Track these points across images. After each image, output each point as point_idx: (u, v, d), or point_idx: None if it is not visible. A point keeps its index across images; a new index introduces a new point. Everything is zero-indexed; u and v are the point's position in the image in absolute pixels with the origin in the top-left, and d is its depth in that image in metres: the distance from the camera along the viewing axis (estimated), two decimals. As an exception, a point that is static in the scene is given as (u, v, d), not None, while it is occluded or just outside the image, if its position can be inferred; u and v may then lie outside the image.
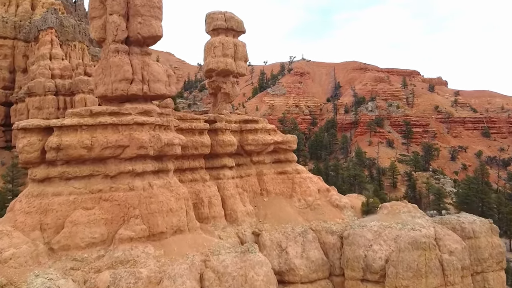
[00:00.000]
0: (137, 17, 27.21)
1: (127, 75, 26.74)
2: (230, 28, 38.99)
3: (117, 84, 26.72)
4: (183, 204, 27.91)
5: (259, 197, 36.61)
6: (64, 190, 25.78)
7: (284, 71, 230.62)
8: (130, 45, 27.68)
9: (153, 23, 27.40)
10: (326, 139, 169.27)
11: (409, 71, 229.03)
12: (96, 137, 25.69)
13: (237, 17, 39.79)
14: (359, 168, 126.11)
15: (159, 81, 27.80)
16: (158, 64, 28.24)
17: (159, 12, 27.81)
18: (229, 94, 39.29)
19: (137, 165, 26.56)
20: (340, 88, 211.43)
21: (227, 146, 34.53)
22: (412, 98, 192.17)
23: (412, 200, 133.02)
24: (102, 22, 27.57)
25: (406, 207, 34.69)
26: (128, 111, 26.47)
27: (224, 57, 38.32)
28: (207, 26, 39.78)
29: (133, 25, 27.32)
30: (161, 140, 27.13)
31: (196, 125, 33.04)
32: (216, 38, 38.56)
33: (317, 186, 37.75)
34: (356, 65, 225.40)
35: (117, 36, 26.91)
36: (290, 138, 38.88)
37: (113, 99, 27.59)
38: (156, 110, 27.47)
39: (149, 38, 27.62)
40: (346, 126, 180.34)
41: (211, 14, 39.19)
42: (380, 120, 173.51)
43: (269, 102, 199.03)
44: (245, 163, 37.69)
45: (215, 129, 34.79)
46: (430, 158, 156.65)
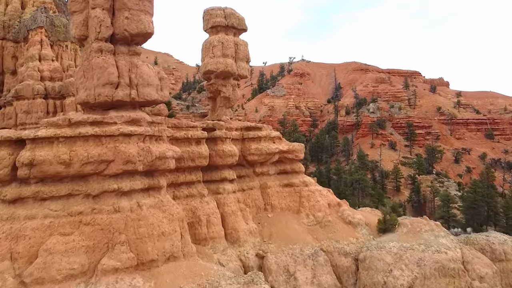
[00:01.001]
0: (124, 12, 23.53)
1: (111, 78, 23.05)
2: (230, 26, 35.36)
3: (100, 89, 23.02)
4: (177, 226, 24.20)
5: (263, 212, 32.96)
6: (38, 212, 22.08)
7: (283, 72, 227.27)
8: (116, 43, 23.99)
9: (142, 19, 23.74)
10: (327, 142, 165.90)
11: (410, 71, 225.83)
12: (76, 150, 22.01)
13: (238, 14, 36.16)
14: (362, 172, 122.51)
15: (149, 85, 24.11)
16: (149, 66, 24.55)
17: (149, 5, 24.17)
18: (229, 98, 35.63)
19: (124, 182, 22.86)
20: (340, 89, 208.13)
21: (227, 157, 30.86)
22: (414, 99, 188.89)
23: (416, 204, 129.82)
24: (83, 17, 23.87)
25: (428, 225, 31.03)
26: (113, 120, 22.78)
27: (224, 57, 34.69)
28: (205, 24, 36.14)
29: (119, 20, 23.62)
30: (151, 153, 23.47)
31: (193, 133, 29.36)
32: (215, 37, 34.92)
33: (327, 200, 34.08)
34: (357, 66, 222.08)
35: (100, 33, 23.21)
36: (296, 146, 35.19)
37: (96, 106, 23.87)
38: (146, 118, 23.77)
39: (137, 35, 23.92)
40: (348, 128, 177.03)
41: (210, 10, 35.55)
42: (382, 122, 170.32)
43: (268, 104, 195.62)
44: (247, 174, 34.02)
45: (214, 138, 31.13)
46: (434, 161, 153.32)
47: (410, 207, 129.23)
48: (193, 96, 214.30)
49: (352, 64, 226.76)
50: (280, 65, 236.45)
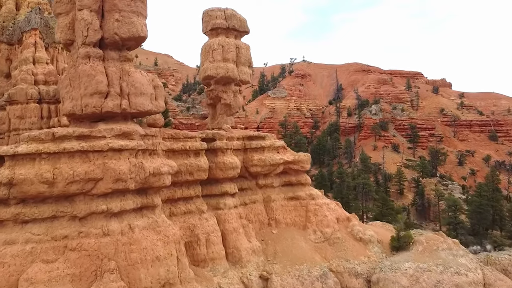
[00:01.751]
0: (114, 13, 21.28)
1: (100, 87, 20.79)
2: (231, 28, 33.14)
3: (87, 99, 20.77)
4: (173, 249, 21.95)
5: (267, 228, 30.68)
6: (19, 237, 19.83)
7: (284, 73, 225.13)
8: (106, 48, 21.73)
9: (134, 21, 21.50)
10: (329, 144, 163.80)
11: (413, 72, 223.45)
12: (60, 168, 19.76)
13: (240, 15, 33.94)
14: (365, 176, 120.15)
15: (142, 94, 21.86)
16: (142, 73, 22.29)
17: (142, 7, 21.94)
18: (230, 105, 33.40)
19: (114, 202, 20.61)
20: (342, 90, 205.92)
21: (228, 169, 28.58)
22: (417, 100, 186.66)
23: (421, 207, 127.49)
24: (69, 19, 21.62)
25: (446, 243, 28.74)
26: (102, 133, 20.54)
27: (225, 62, 32.47)
28: (204, 26, 33.91)
29: (109, 23, 21.38)
30: (144, 170, 21.22)
31: (191, 145, 27.10)
32: (215, 40, 32.70)
33: (335, 215, 31.81)
34: (358, 67, 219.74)
35: (88, 37, 20.96)
36: (302, 157, 32.91)
37: (83, 118, 21.61)
38: (138, 131, 21.52)
39: (129, 39, 21.67)
40: (350, 129, 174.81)
41: (209, 11, 33.31)
42: (385, 124, 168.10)
43: (269, 105, 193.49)
44: (249, 187, 31.75)
45: (214, 149, 28.85)
46: (438, 163, 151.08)
47: (414, 211, 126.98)
48: (193, 98, 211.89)
49: (353, 65, 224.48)
50: (281, 66, 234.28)
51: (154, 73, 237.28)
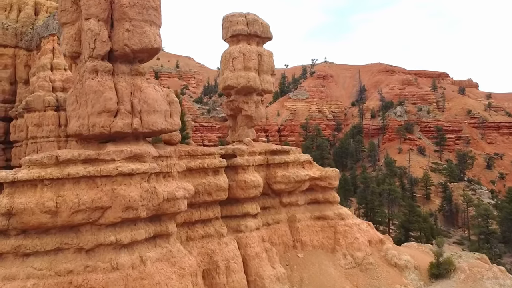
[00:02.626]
0: (124, 23, 19.25)
1: (109, 104, 18.78)
2: (253, 34, 30.94)
3: (95, 117, 18.78)
4: (189, 282, 19.80)
5: (292, 251, 28.35)
6: (19, 271, 17.91)
7: (306, 74, 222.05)
8: (115, 61, 19.73)
9: (146, 31, 19.43)
10: (352, 146, 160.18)
11: (438, 73, 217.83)
12: (64, 196, 17.80)
13: (262, 20, 31.71)
14: (391, 181, 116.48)
15: (155, 112, 19.77)
16: (155, 87, 20.21)
17: (155, 15, 19.86)
18: (252, 117, 31.18)
19: (123, 233, 18.56)
20: (365, 91, 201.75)
21: (250, 188, 26.35)
22: (443, 101, 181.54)
23: (448, 213, 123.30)
24: (75, 30, 19.68)
25: (491, 271, 26.04)
26: (111, 156, 18.52)
27: (246, 70, 30.29)
28: (224, 32, 31.79)
29: (118, 33, 19.35)
30: (157, 195, 19.14)
31: (210, 162, 24.94)
32: (236, 47, 30.55)
33: (367, 236, 29.28)
34: (382, 67, 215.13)
35: (95, 50, 18.97)
36: (330, 172, 30.45)
37: (90, 139, 19.65)
38: (151, 152, 19.44)
39: (141, 51, 19.61)
40: (373, 132, 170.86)
41: (229, 17, 31.16)
42: (410, 126, 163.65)
43: (290, 107, 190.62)
44: (273, 205, 29.48)
45: (235, 166, 26.66)
46: (465, 167, 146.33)
47: (442, 217, 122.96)
48: (214, 100, 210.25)
49: (376, 66, 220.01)
50: (302, 67, 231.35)
51: (175, 75, 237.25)
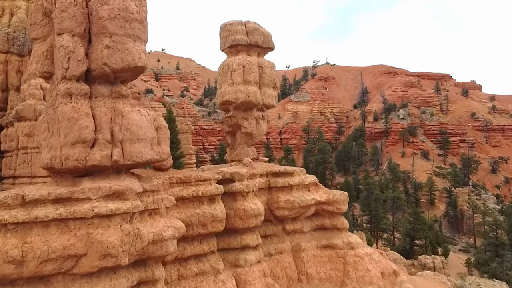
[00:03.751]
0: (104, 38, 16.55)
1: (84, 134, 16.06)
2: (253, 44, 28.22)
3: (68, 149, 16.09)
4: (180, 336, 17.15)
5: (296, 284, 25.63)
6: (-21, 331, 15.32)
7: (307, 76, 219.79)
8: (93, 83, 17.02)
9: (130, 47, 16.73)
10: (355, 150, 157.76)
11: (441, 74, 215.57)
12: (31, 242, 15.12)
13: (263, 29, 28.99)
14: (396, 189, 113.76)
15: (140, 140, 17.06)
16: (140, 111, 17.50)
17: (140, 28, 17.16)
18: (252, 135, 28.47)
19: (101, 283, 15.85)
20: (367, 93, 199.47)
21: (250, 218, 23.64)
22: (447, 104, 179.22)
23: (453, 219, 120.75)
24: (47, 46, 16.96)
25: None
26: (86, 195, 15.84)
27: (246, 84, 27.57)
28: (222, 42, 29.08)
29: (97, 51, 16.66)
30: (142, 238, 16.45)
31: (205, 190, 22.26)
32: (235, 59, 27.83)
33: (379, 268, 26.55)
34: (384, 69, 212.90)
35: (69, 70, 16.27)
36: (338, 196, 27.70)
37: (64, 173, 17.00)
38: (134, 188, 16.72)
39: (123, 71, 16.89)
40: (376, 135, 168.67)
41: (228, 25, 28.43)
42: (413, 129, 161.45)
43: (292, 110, 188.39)
44: (275, 233, 26.76)
45: (233, 193, 23.94)
46: (470, 171, 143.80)
47: (446, 223, 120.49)
48: (214, 102, 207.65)
49: (378, 67, 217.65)
50: (304, 69, 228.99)
51: (176, 77, 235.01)
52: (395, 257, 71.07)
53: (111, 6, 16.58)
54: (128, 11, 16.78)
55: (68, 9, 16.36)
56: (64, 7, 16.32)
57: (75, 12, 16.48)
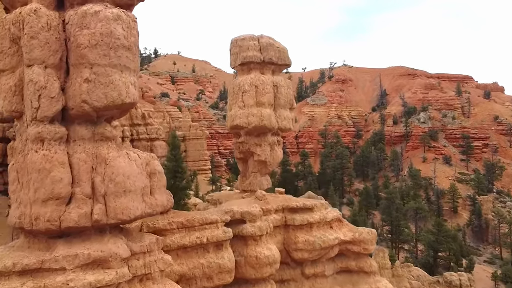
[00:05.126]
0: (83, 70, 13.53)
1: (58, 189, 13.06)
2: (267, 61, 25.06)
3: (39, 207, 13.11)
4: None
5: (317, 338, 22.45)
6: None
7: (324, 78, 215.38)
8: (72, 123, 13.98)
9: (115, 80, 13.69)
10: (374, 155, 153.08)
11: (462, 76, 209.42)
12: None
13: (278, 44, 25.78)
14: (417, 196, 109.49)
15: (127, 193, 13.98)
16: (129, 155, 14.40)
17: (128, 56, 14.08)
18: (266, 163, 25.30)
19: None
20: (386, 96, 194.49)
21: (263, 266, 20.45)
22: (469, 107, 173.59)
23: (477, 228, 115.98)
24: (15, 80, 13.92)
25: None
26: (60, 264, 12.82)
27: (259, 106, 24.43)
28: (232, 59, 25.97)
29: (74, 85, 13.64)
30: (130, 314, 13.45)
31: (211, 235, 19.15)
32: (246, 78, 24.70)
33: (411, 320, 23.19)
34: (403, 71, 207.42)
35: (40, 110, 13.27)
36: (365, 235, 24.29)
37: (35, 234, 14.03)
38: (119, 253, 13.64)
39: (107, 108, 13.88)
40: (396, 139, 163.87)
41: (239, 40, 25.27)
42: (434, 133, 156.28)
43: (308, 113, 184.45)
44: (293, 277, 23.50)
45: (244, 236, 20.81)
46: (494, 178, 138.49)
47: (470, 232, 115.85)
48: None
49: (397, 69, 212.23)
50: (320, 71, 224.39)
51: (192, 80, 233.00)
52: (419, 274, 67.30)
53: (92, 31, 13.53)
54: (113, 36, 13.70)
55: (39, 35, 13.34)
56: (34, 32, 13.30)
57: (48, 39, 13.45)
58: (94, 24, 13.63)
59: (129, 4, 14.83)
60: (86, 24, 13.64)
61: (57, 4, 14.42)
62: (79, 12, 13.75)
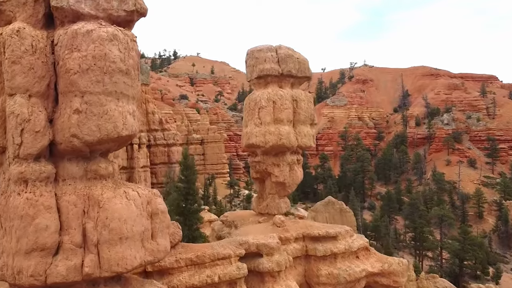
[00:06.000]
0: (73, 98, 11.62)
1: (43, 238, 11.20)
2: (286, 74, 23.03)
3: (22, 259, 11.23)
4: None
5: None
6: None
7: (344, 78, 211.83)
8: (61, 159, 12.14)
9: (110, 110, 11.73)
10: (396, 158, 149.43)
11: (486, 76, 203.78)
12: None
13: (298, 54, 23.70)
14: (442, 201, 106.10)
15: (124, 240, 12.05)
16: (128, 194, 12.49)
17: (126, 81, 12.16)
18: (284, 184, 23.24)
19: None
20: (408, 96, 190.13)
21: (282, 305, 18.48)
22: (494, 108, 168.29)
23: (504, 234, 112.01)
24: (-4, 111, 12.28)
25: None
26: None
27: (277, 123, 22.41)
28: (248, 71, 23.98)
29: (63, 116, 11.81)
30: None
31: (223, 273, 17.20)
32: (263, 93, 22.69)
33: None
34: (426, 71, 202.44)
35: (22, 146, 11.43)
36: (395, 266, 22.01)
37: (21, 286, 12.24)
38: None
39: (101, 142, 12.00)
40: (418, 141, 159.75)
41: (255, 52, 23.25)
42: (458, 135, 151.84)
43: (328, 115, 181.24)
44: (314, 313, 21.47)
45: (260, 273, 18.81)
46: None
47: (496, 238, 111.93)
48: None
49: (419, 69, 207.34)
50: (340, 71, 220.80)
51: (210, 81, 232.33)
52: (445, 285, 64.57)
53: (83, 54, 11.67)
54: (107, 60, 11.82)
55: (22, 60, 11.53)
56: (16, 57, 11.49)
57: (33, 63, 11.62)
58: (85, 46, 11.77)
59: (128, 21, 12.94)
60: (77, 46, 11.78)
61: (46, 22, 12.61)
62: (69, 32, 11.91)
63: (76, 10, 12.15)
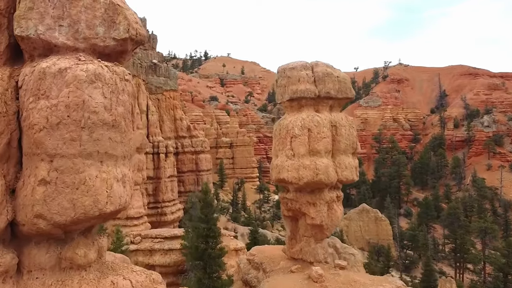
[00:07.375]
0: (39, 164, 8.48)
1: None
2: (324, 96, 19.47)
3: None
4: None
5: None
6: None
7: (378, 78, 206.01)
8: (27, 242, 9.00)
9: (89, 178, 8.51)
10: (433, 161, 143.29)
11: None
12: None
13: (338, 72, 20.12)
14: (484, 212, 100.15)
15: None
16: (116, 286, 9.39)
17: (113, 137, 8.83)
18: (322, 227, 19.67)
19: None
20: (446, 97, 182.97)
21: None
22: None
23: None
24: None
25: None
26: None
27: (313, 155, 18.87)
28: (279, 92, 20.50)
29: (26, 188, 8.67)
30: None
31: None
32: (296, 118, 19.18)
33: None
34: (464, 70, 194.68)
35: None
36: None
37: None
38: None
39: (77, 222, 8.80)
40: (457, 144, 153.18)
41: (287, 70, 19.75)
42: (500, 138, 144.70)
43: (361, 116, 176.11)
44: None
45: None
46: None
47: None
48: (279, 108, 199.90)
49: (457, 68, 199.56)
50: (374, 71, 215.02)
51: (240, 82, 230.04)
52: (491, 304, 59.90)
53: (53, 102, 8.41)
54: (86, 109, 8.53)
55: (-31, 112, 8.41)
56: (-40, 108, 8.39)
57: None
58: (57, 91, 8.51)
59: (119, 51, 9.64)
60: (45, 91, 8.54)
61: (12, 56, 9.44)
62: (35, 71, 8.68)
63: (47, 41, 8.93)
